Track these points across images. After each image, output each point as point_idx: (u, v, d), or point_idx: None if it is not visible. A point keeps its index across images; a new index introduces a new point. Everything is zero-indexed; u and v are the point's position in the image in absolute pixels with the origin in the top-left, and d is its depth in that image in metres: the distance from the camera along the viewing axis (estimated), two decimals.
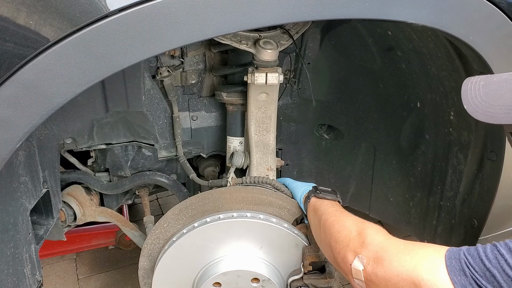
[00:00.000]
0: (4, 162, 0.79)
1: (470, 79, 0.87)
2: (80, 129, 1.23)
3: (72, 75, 0.74)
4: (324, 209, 1.08)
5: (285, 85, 1.45)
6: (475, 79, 0.86)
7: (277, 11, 0.80)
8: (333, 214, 1.05)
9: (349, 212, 1.06)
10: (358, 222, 0.96)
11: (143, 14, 0.72)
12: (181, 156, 1.44)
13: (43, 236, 1.13)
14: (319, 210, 1.10)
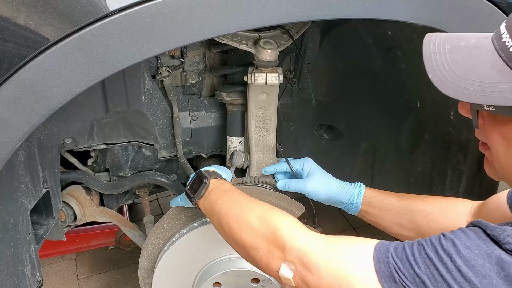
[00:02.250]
0: (4, 162, 0.79)
1: (430, 37, 0.75)
2: (80, 129, 1.23)
3: (72, 75, 0.74)
4: (219, 207, 0.97)
5: (285, 85, 1.45)
6: (437, 39, 0.74)
7: (277, 11, 0.80)
8: (231, 210, 0.94)
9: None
10: (266, 217, 0.87)
11: (143, 14, 0.72)
12: (181, 156, 1.44)
13: (43, 236, 1.13)
14: (214, 207, 0.99)
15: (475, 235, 0.62)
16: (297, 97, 1.52)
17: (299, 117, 1.57)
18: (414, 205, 1.10)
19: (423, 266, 0.63)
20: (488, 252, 0.59)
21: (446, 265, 0.61)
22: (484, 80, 0.65)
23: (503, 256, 0.58)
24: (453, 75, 0.68)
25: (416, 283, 0.62)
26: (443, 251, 0.62)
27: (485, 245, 0.60)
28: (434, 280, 0.61)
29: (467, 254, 0.60)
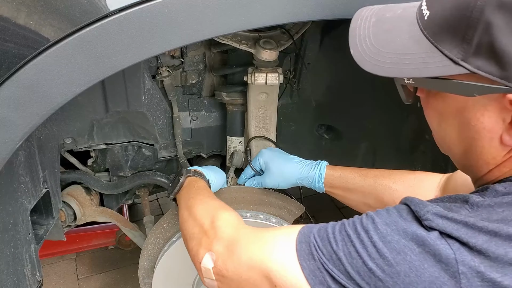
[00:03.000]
0: (4, 162, 0.79)
1: (361, 11, 0.72)
2: (80, 129, 1.23)
3: (72, 75, 0.74)
4: (183, 201, 1.01)
5: (285, 85, 1.45)
6: (367, 12, 0.71)
7: (277, 11, 0.80)
8: (187, 202, 0.97)
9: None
10: (211, 211, 0.88)
11: (143, 14, 0.72)
12: (181, 156, 1.44)
13: (43, 236, 1.13)
14: (181, 202, 1.03)
15: (397, 213, 0.62)
16: (297, 97, 1.52)
17: (299, 117, 1.57)
18: (380, 183, 1.07)
19: (341, 243, 0.62)
20: (404, 228, 0.59)
21: (362, 241, 0.61)
22: (400, 52, 0.63)
23: (418, 232, 0.57)
24: (372, 49, 0.66)
25: (333, 259, 0.62)
26: (362, 228, 0.62)
27: (404, 221, 0.60)
28: (350, 256, 0.61)
29: (384, 230, 0.60)
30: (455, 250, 0.54)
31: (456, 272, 0.53)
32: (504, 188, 0.59)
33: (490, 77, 0.54)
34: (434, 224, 0.57)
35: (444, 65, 0.58)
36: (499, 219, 0.55)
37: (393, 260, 0.57)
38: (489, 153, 0.62)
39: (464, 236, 0.54)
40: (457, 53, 0.57)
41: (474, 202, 0.58)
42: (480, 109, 0.59)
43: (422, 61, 0.60)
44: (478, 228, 0.54)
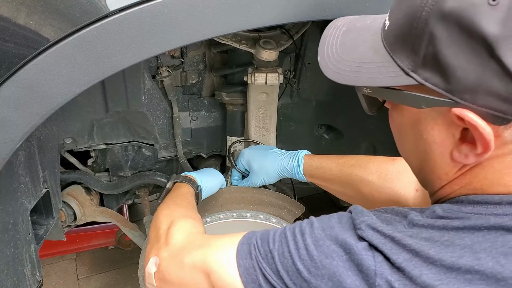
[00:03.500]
0: (4, 162, 0.79)
1: (336, 21, 0.73)
2: (80, 129, 1.23)
3: (72, 75, 0.73)
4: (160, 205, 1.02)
5: (285, 85, 1.45)
6: (341, 21, 0.72)
7: (277, 11, 0.80)
8: (158, 208, 0.98)
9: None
10: (171, 217, 0.88)
11: (143, 14, 0.72)
12: (181, 156, 1.44)
13: (43, 236, 1.13)
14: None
15: (337, 219, 0.63)
16: (297, 97, 1.52)
17: (299, 117, 1.57)
18: (355, 174, 1.06)
19: (277, 243, 0.64)
20: (337, 234, 0.60)
21: (296, 243, 0.62)
22: (359, 60, 0.63)
23: (348, 240, 0.58)
24: (336, 57, 0.66)
25: (267, 258, 0.64)
26: (299, 231, 0.63)
27: (340, 228, 0.61)
28: (283, 256, 0.62)
29: (318, 235, 0.61)
30: (377, 263, 0.55)
31: (373, 284, 0.54)
32: (442, 210, 0.58)
33: (436, 89, 0.53)
34: (365, 235, 0.58)
35: (396, 75, 0.57)
36: (426, 241, 0.54)
37: (320, 263, 0.59)
38: (441, 169, 0.61)
39: (388, 251, 0.55)
40: (408, 63, 0.56)
41: (411, 219, 0.58)
42: (430, 122, 0.58)
43: (378, 71, 0.60)
44: (403, 245, 0.55)
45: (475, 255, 0.51)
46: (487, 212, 0.55)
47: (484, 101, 0.50)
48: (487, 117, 0.51)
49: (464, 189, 0.59)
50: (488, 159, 0.55)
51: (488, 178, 0.57)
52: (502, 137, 0.53)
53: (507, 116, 0.50)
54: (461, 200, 0.58)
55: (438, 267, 0.52)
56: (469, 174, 0.58)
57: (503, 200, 0.55)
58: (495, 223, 0.53)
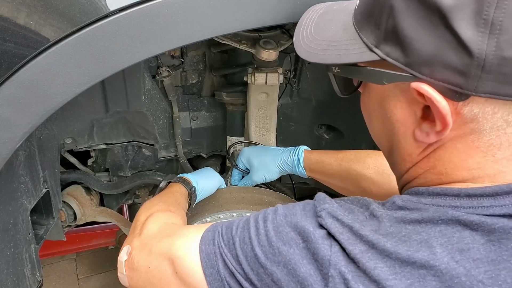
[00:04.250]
0: (4, 162, 0.79)
1: (316, 5, 0.74)
2: (80, 129, 1.23)
3: (72, 75, 0.73)
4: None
5: (285, 85, 1.45)
6: (320, 5, 0.73)
7: (277, 11, 0.80)
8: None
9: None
10: (150, 211, 0.89)
11: (143, 14, 0.72)
12: (181, 156, 1.44)
13: (43, 236, 1.13)
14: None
15: (302, 206, 0.62)
16: (297, 97, 1.52)
17: (299, 117, 1.57)
18: (354, 169, 1.06)
19: (240, 230, 0.64)
20: (297, 221, 0.59)
21: (257, 229, 0.62)
22: (330, 39, 0.63)
23: (307, 227, 0.57)
24: (310, 37, 0.66)
25: (229, 244, 0.63)
26: (262, 218, 0.63)
27: (302, 215, 0.60)
28: (243, 241, 0.62)
29: (280, 221, 0.61)
30: (333, 253, 0.54)
31: (327, 274, 0.54)
32: (401, 201, 0.57)
33: (396, 63, 0.52)
34: (324, 223, 0.57)
35: (361, 52, 0.57)
36: (384, 233, 0.54)
37: (278, 249, 0.58)
38: (405, 149, 0.60)
39: (345, 241, 0.54)
40: (372, 39, 0.56)
41: (372, 211, 0.57)
42: (394, 100, 0.57)
43: (345, 48, 0.60)
44: (360, 236, 0.54)
45: (431, 249, 0.51)
46: (445, 204, 0.54)
47: (442, 75, 0.49)
48: (446, 92, 0.50)
49: (429, 173, 0.58)
50: (451, 140, 0.54)
51: (452, 161, 0.55)
52: (461, 115, 0.51)
53: (464, 91, 0.49)
54: (421, 192, 0.57)
55: (393, 260, 0.51)
56: (433, 157, 0.57)
57: (461, 192, 0.53)
58: (452, 216, 0.52)
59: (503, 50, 0.45)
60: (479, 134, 0.51)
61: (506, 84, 0.47)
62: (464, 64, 0.47)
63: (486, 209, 0.51)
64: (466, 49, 0.46)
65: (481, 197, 0.52)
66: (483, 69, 0.46)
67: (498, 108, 0.49)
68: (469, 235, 0.51)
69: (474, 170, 0.54)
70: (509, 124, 0.50)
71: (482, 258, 0.49)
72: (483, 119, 0.50)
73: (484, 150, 0.52)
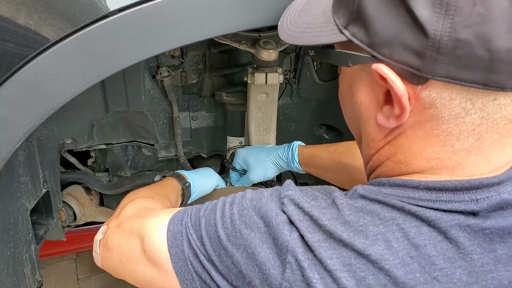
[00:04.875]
0: (4, 162, 0.79)
1: None
2: (80, 129, 1.23)
3: (72, 75, 0.73)
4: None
5: (285, 85, 1.45)
6: None
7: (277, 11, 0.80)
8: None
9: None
10: (133, 197, 0.89)
11: (143, 14, 0.72)
12: (181, 156, 1.44)
13: (43, 236, 1.13)
14: None
15: (270, 192, 0.62)
16: (297, 97, 1.52)
17: (299, 117, 1.57)
18: (345, 162, 1.06)
19: (207, 211, 0.64)
20: (261, 205, 0.59)
21: (223, 212, 0.62)
22: (308, 22, 0.63)
23: (269, 212, 0.57)
24: (292, 20, 0.67)
25: (195, 225, 0.64)
26: (230, 201, 0.63)
27: (267, 200, 0.59)
28: (208, 223, 0.62)
29: (245, 204, 0.60)
30: (291, 239, 0.54)
31: (285, 260, 0.54)
32: (363, 190, 0.57)
33: (361, 44, 0.52)
34: (286, 209, 0.57)
35: (333, 33, 0.57)
36: (342, 222, 0.53)
37: (240, 232, 0.58)
38: (369, 134, 0.60)
39: (304, 229, 0.54)
40: (343, 21, 0.56)
41: (334, 198, 0.57)
42: (359, 83, 0.57)
43: (319, 30, 0.60)
44: (319, 225, 0.54)
45: (386, 243, 0.50)
46: (404, 195, 0.53)
47: (400, 56, 0.48)
48: (405, 75, 0.49)
49: (390, 161, 0.58)
50: (411, 127, 0.53)
51: (412, 149, 0.54)
52: (420, 99, 0.50)
53: (422, 74, 0.48)
54: (383, 183, 0.57)
55: (349, 251, 0.51)
56: (394, 144, 0.56)
57: (420, 185, 0.53)
58: (409, 210, 0.51)
59: (457, 32, 0.44)
60: (437, 121, 0.51)
61: (461, 68, 0.46)
62: (420, 45, 0.47)
63: (444, 203, 0.51)
64: (422, 29, 0.46)
65: (440, 191, 0.52)
66: (438, 50, 0.46)
67: (456, 94, 0.48)
68: (426, 231, 0.50)
69: (432, 161, 0.53)
70: (467, 112, 0.49)
71: (438, 255, 0.49)
72: (441, 105, 0.49)
73: (442, 140, 0.51)
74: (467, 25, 0.44)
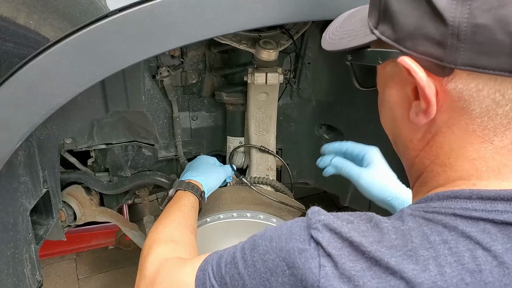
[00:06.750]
0: (4, 162, 0.79)
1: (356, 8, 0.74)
2: (80, 129, 1.23)
3: (72, 75, 0.74)
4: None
5: (285, 85, 1.45)
6: (358, 8, 0.73)
7: (277, 11, 0.80)
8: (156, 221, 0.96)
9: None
10: (153, 241, 0.87)
11: (143, 14, 0.72)
12: (181, 156, 1.44)
13: (43, 236, 1.13)
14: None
15: (289, 225, 0.57)
16: (297, 97, 1.52)
17: (299, 117, 1.57)
18: None
19: (228, 266, 0.60)
20: (282, 245, 0.54)
21: (245, 261, 0.58)
22: (348, 29, 0.64)
23: (291, 251, 0.53)
24: (334, 30, 0.68)
25: (221, 285, 0.61)
26: (249, 247, 0.59)
27: (287, 235, 0.55)
28: (234, 279, 0.59)
29: (265, 247, 0.56)
30: (321, 278, 0.49)
31: None
32: (410, 210, 0.53)
33: (388, 41, 0.53)
34: (320, 237, 0.52)
35: (365, 35, 0.58)
36: (388, 246, 0.49)
37: (268, 280, 0.55)
38: (406, 135, 0.58)
39: (345, 257, 0.50)
40: (374, 22, 0.57)
41: (377, 222, 0.53)
42: (390, 82, 0.57)
43: (355, 34, 0.61)
44: (361, 251, 0.49)
45: (439, 268, 0.46)
46: (457, 206, 0.50)
47: (423, 47, 0.48)
48: (430, 67, 0.49)
49: (434, 164, 0.55)
50: (446, 124, 0.52)
51: (454, 148, 0.52)
52: (448, 92, 0.49)
53: (445, 64, 0.47)
54: (431, 198, 0.53)
55: (398, 280, 0.47)
56: (434, 145, 0.54)
57: (473, 194, 0.49)
58: (463, 231, 0.48)
59: (475, 17, 0.44)
60: (469, 114, 0.49)
61: (483, 55, 0.45)
62: (441, 34, 0.46)
63: (499, 214, 0.47)
64: (441, 17, 0.46)
65: (495, 200, 0.48)
66: (458, 38, 0.45)
67: (483, 85, 0.47)
68: (481, 255, 0.46)
69: (476, 161, 0.51)
70: (497, 104, 0.47)
71: (495, 281, 0.45)
72: (469, 97, 0.48)
73: (480, 135, 0.50)
74: (485, 9, 0.43)
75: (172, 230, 0.92)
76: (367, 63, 0.60)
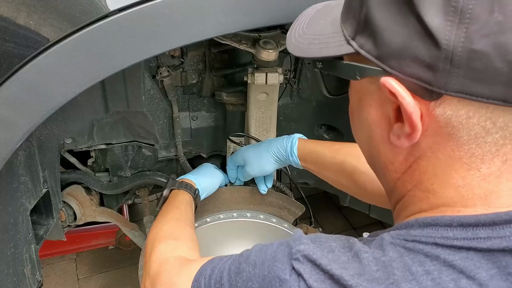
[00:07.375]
0: (4, 162, 0.79)
1: (319, 4, 0.69)
2: (80, 129, 1.23)
3: (72, 75, 0.74)
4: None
5: (285, 85, 1.45)
6: (321, 4, 0.68)
7: (277, 11, 0.80)
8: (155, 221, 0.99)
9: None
10: (155, 239, 0.89)
11: (143, 14, 0.72)
12: (181, 156, 1.44)
13: (43, 236, 1.13)
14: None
15: (275, 248, 0.56)
16: (297, 97, 1.52)
17: (299, 117, 1.57)
18: (349, 163, 0.99)
19: (217, 285, 0.61)
20: (264, 273, 0.54)
21: (230, 285, 0.58)
22: (316, 33, 0.59)
23: (273, 282, 0.52)
24: (300, 31, 0.62)
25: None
26: (235, 270, 0.59)
27: (271, 261, 0.54)
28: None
29: (248, 273, 0.56)
30: None
31: None
32: (391, 238, 0.50)
33: (368, 56, 0.48)
34: (302, 268, 0.50)
35: (340, 45, 0.53)
36: (369, 279, 0.47)
37: None
38: (386, 156, 0.54)
39: None
40: (350, 31, 0.52)
41: (357, 252, 0.50)
42: (369, 99, 0.52)
43: (327, 41, 0.56)
44: (343, 285, 0.48)
45: None
46: (437, 235, 0.47)
47: (411, 69, 0.44)
48: (416, 90, 0.45)
49: (417, 189, 0.52)
50: (430, 149, 0.48)
51: (438, 174, 0.49)
52: (435, 117, 0.46)
53: (434, 88, 0.43)
54: (411, 224, 0.51)
55: None
56: (417, 168, 0.51)
57: (453, 221, 0.47)
58: (445, 259, 0.46)
59: (473, 42, 0.40)
60: (457, 141, 0.46)
61: (477, 82, 0.41)
62: (432, 56, 0.43)
63: (482, 241, 0.45)
64: (433, 39, 0.42)
65: (476, 226, 0.46)
66: (451, 63, 0.42)
67: (473, 112, 0.44)
68: (465, 284, 0.44)
69: (461, 189, 0.48)
70: (487, 131, 0.44)
71: None
72: (458, 123, 0.45)
73: (467, 162, 0.47)
74: (484, 34, 0.40)
75: (171, 227, 0.94)
76: (342, 76, 0.56)
